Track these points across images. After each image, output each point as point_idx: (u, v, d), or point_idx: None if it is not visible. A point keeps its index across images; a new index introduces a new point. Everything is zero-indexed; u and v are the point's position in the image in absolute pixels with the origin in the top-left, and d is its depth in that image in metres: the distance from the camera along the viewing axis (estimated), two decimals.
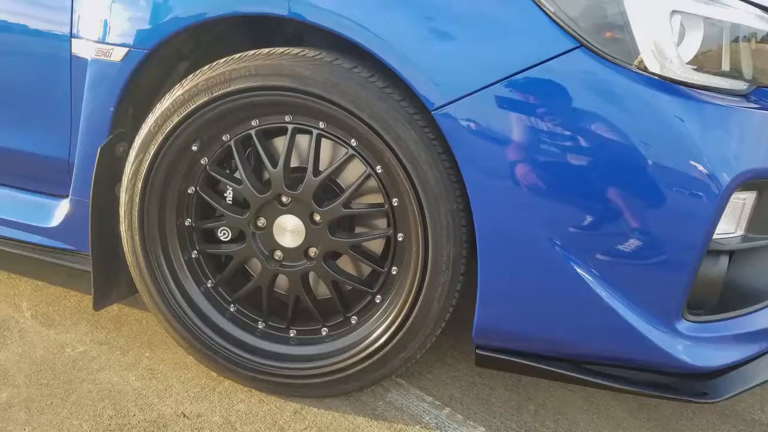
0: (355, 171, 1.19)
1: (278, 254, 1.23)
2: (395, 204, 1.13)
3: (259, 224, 1.22)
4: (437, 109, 1.03)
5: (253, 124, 1.19)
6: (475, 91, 1.00)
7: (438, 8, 1.03)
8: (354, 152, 1.14)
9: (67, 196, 1.44)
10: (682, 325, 1.07)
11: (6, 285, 1.65)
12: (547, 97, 0.99)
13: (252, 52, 1.15)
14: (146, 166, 1.21)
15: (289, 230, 1.20)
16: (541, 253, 1.05)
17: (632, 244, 1.03)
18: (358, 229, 1.23)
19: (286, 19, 1.13)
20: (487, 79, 1.00)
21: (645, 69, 0.97)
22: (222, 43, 1.31)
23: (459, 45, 1.02)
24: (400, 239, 1.15)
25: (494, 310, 1.10)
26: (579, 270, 1.04)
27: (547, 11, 0.98)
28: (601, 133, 0.99)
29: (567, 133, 0.99)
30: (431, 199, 1.07)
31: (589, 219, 1.03)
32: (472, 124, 1.02)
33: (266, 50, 1.14)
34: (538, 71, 0.98)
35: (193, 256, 1.28)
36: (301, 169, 1.20)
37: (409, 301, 1.12)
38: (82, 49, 1.31)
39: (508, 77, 0.99)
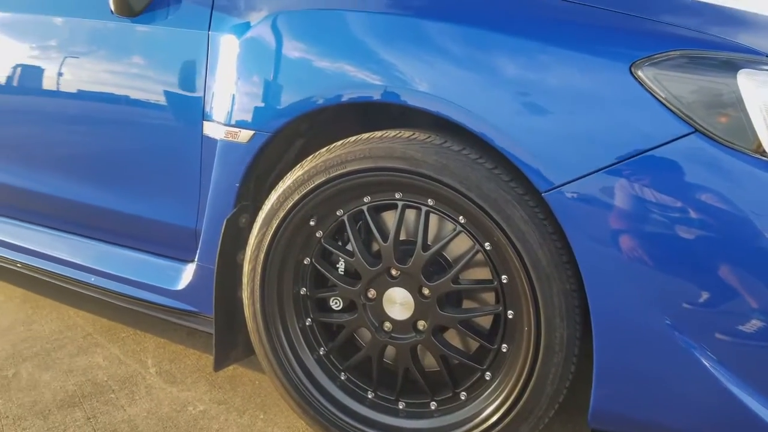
0: (462, 245, 1.22)
1: (388, 326, 1.27)
2: (505, 281, 1.15)
3: (370, 295, 1.27)
4: (548, 190, 1.04)
5: (365, 200, 1.25)
6: (588, 174, 1.01)
7: (548, 92, 1.05)
8: (462, 229, 1.18)
9: (193, 261, 1.56)
10: None
11: (133, 341, 1.79)
12: (661, 180, 0.98)
13: (366, 135, 1.22)
14: (268, 239, 1.30)
15: (398, 303, 1.24)
16: (658, 334, 1.02)
17: (754, 324, 0.98)
18: (465, 303, 1.25)
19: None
20: (599, 162, 1.01)
21: (763, 153, 0.95)
22: (335, 121, 1.40)
23: (570, 128, 1.04)
24: (510, 316, 1.15)
25: (611, 393, 1.07)
26: (697, 353, 1.01)
27: (659, 97, 0.98)
28: (718, 215, 0.96)
29: (683, 215, 0.98)
30: (543, 278, 1.08)
31: (705, 297, 0.99)
32: (584, 206, 1.02)
33: (379, 134, 1.21)
34: (651, 155, 0.98)
35: (307, 323, 1.34)
36: (409, 242, 1.25)
37: (521, 380, 1.12)
38: (212, 130, 1.44)
39: (620, 161, 0.99)
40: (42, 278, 1.88)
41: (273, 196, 1.30)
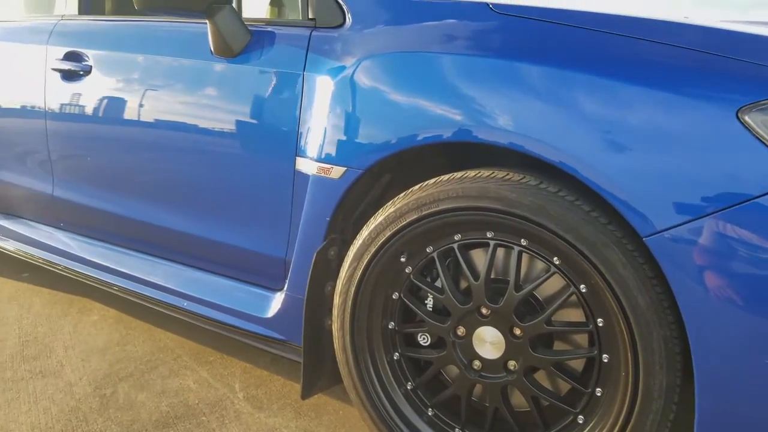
0: (554, 285, 1.22)
1: (477, 364, 1.27)
2: (600, 324, 1.13)
3: (459, 333, 1.28)
4: (650, 235, 1.03)
5: (455, 238, 1.27)
6: (693, 219, 1.00)
7: (651, 136, 1.04)
8: (557, 270, 1.17)
9: (281, 290, 1.62)
10: None
11: (220, 365, 1.86)
12: None
13: (459, 174, 1.24)
14: (359, 274, 1.33)
15: (488, 341, 1.25)
16: (765, 379, 0.99)
17: None
18: (557, 344, 1.24)
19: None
20: (705, 208, 0.99)
21: None
22: (422, 158, 1.43)
23: (674, 172, 1.02)
24: (605, 360, 1.14)
25: None
26: None
27: (767, 143, 0.96)
28: None
29: None
30: (642, 324, 1.06)
31: None
32: (688, 251, 1.00)
33: (472, 173, 1.23)
34: (759, 202, 0.96)
35: (395, 357, 1.37)
36: (499, 281, 1.26)
37: (617, 427, 1.10)
38: (305, 165, 1.49)
39: (727, 207, 0.97)
40: (135, 300, 1.99)
41: (364, 232, 1.34)
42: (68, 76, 2.04)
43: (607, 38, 1.18)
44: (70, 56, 2.05)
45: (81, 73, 2.00)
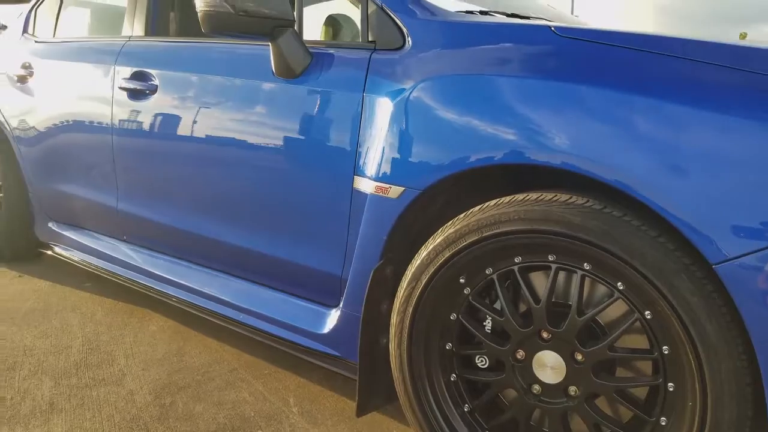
0: (617, 310, 1.20)
1: (536, 388, 1.26)
2: (666, 352, 1.11)
3: (518, 356, 1.28)
4: (721, 263, 1.01)
5: (516, 260, 1.27)
6: (766, 247, 0.98)
7: (724, 161, 1.02)
8: (621, 296, 1.16)
9: (337, 306, 1.64)
10: None
11: (275, 378, 1.89)
12: None
13: (521, 196, 1.24)
14: (418, 293, 1.34)
15: (549, 366, 1.24)
16: None
17: None
18: (619, 371, 1.22)
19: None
20: None
21: None
22: (479, 179, 1.43)
23: (747, 198, 1.00)
24: (670, 389, 1.12)
25: None
26: None
27: None
28: None
29: None
30: (711, 353, 1.04)
31: None
32: (760, 281, 0.98)
33: (534, 195, 1.23)
34: None
35: (452, 378, 1.37)
36: (560, 304, 1.25)
37: None
38: (363, 184, 1.52)
39: None
40: (193, 312, 2.04)
41: (423, 252, 1.35)
42: (135, 94, 2.13)
43: (671, 61, 1.17)
44: (137, 76, 2.14)
45: (147, 92, 2.08)
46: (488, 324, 1.34)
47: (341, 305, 1.61)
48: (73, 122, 2.45)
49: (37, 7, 3.01)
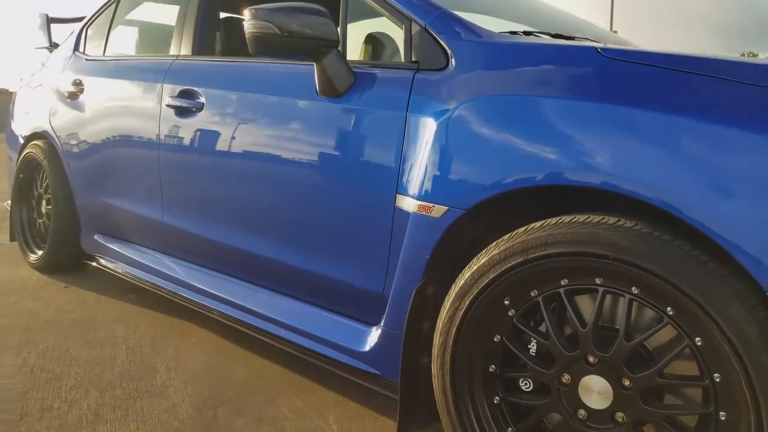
0: (665, 335, 1.17)
1: (582, 413, 1.24)
2: (717, 380, 1.09)
3: (564, 380, 1.26)
4: None
5: (562, 283, 1.25)
6: None
7: None
8: (670, 321, 1.14)
9: (377, 324, 1.65)
10: None
11: (314, 395, 1.90)
12: None
13: (568, 218, 1.23)
14: (461, 314, 1.34)
15: (595, 391, 1.22)
16: None
17: None
18: (667, 397, 1.20)
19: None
20: None
21: None
22: (520, 199, 1.42)
23: None
24: (722, 418, 1.09)
25: None
26: None
27: None
28: None
29: None
30: (766, 382, 1.01)
31: None
32: None
33: (582, 218, 1.22)
34: None
35: (495, 401, 1.36)
36: (607, 328, 1.23)
37: None
38: (405, 203, 1.53)
39: None
40: (234, 326, 2.07)
41: (467, 273, 1.35)
42: (182, 112, 2.19)
43: (718, 83, 1.15)
44: (184, 94, 2.20)
45: (194, 109, 2.13)
46: (533, 347, 1.32)
47: (382, 323, 1.61)
48: (121, 137, 2.52)
49: (88, 26, 3.12)
